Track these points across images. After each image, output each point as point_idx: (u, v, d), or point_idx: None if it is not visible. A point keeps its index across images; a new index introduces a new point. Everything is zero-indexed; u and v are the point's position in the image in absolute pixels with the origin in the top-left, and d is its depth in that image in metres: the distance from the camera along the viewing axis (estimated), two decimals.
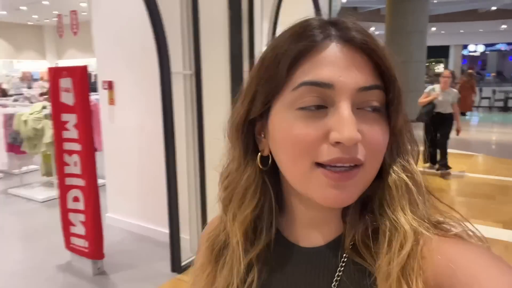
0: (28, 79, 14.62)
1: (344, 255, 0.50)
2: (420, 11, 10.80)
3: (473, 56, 26.70)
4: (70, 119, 2.68)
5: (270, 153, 0.52)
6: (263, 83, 0.49)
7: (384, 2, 11.82)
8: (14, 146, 4.82)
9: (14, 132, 4.71)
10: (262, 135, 0.53)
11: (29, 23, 15.67)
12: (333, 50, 0.46)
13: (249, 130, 0.53)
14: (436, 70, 22.13)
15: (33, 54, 16.82)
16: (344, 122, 0.43)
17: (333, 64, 0.45)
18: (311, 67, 0.46)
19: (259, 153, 0.53)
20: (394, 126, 0.48)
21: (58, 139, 2.79)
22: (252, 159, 0.54)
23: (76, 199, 2.85)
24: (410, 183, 0.48)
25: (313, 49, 0.46)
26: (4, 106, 5.53)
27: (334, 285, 0.50)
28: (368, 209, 0.50)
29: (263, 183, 0.54)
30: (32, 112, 4.53)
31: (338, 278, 0.50)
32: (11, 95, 10.14)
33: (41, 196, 4.85)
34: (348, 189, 0.46)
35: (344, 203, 0.47)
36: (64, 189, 2.86)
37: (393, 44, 11.06)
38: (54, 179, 4.30)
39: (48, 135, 4.39)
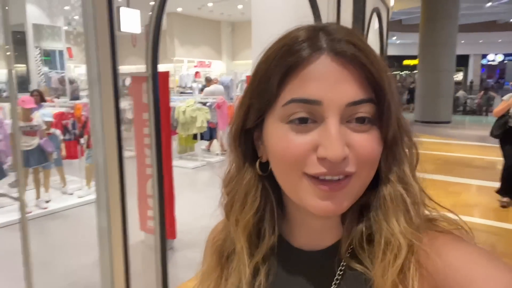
0: None
1: (342, 262, 0.51)
2: (450, 27, 12.50)
3: (491, 65, 27.77)
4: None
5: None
6: (256, 96, 0.50)
7: None
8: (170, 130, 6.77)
9: (172, 119, 6.58)
10: (260, 142, 0.53)
11: None
12: (323, 63, 0.45)
13: (248, 137, 0.54)
14: (455, 79, 23.36)
15: None
16: (330, 139, 0.44)
17: (322, 79, 0.45)
18: (300, 83, 0.46)
19: (258, 159, 0.54)
20: (386, 137, 0.47)
21: (139, 135, 2.91)
22: (251, 165, 0.55)
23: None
24: (405, 195, 0.48)
25: (302, 64, 0.46)
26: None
27: None
28: (366, 216, 0.50)
29: (263, 188, 0.55)
30: (188, 105, 6.43)
31: (337, 282, 0.51)
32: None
33: (191, 165, 6.88)
34: (338, 199, 0.46)
35: (335, 212, 0.47)
36: (144, 178, 3.02)
37: (426, 54, 12.83)
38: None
39: (199, 120, 6.29)
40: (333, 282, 0.50)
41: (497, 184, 4.84)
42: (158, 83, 2.71)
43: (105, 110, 2.46)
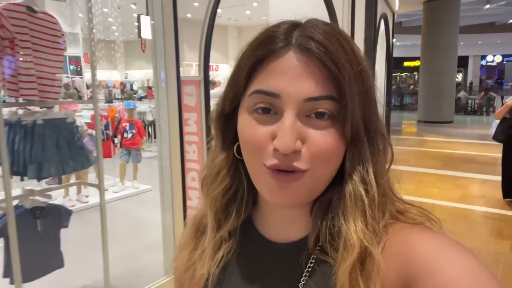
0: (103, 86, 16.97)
1: (313, 256, 0.52)
2: (451, 30, 12.93)
3: (490, 66, 28.10)
4: (191, 117, 3.13)
5: None
6: (232, 85, 0.52)
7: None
8: None
9: None
10: None
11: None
12: (289, 59, 0.46)
13: (229, 121, 0.55)
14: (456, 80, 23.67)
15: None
16: (283, 131, 0.45)
17: (285, 73, 0.46)
18: (265, 76, 0.47)
19: (237, 143, 0.54)
20: (346, 134, 0.47)
21: (181, 133, 3.06)
22: (230, 147, 0.56)
23: (193, 179, 3.19)
24: (364, 195, 0.48)
25: (270, 58, 0.47)
26: None
27: (301, 284, 0.51)
28: (331, 212, 0.51)
29: (236, 170, 0.56)
30: None
31: (306, 275, 0.51)
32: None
33: None
34: (292, 190, 0.47)
35: (291, 202, 0.48)
36: (185, 171, 3.14)
37: (428, 57, 13.25)
38: None
39: None
40: (304, 274, 0.51)
41: (499, 178, 5.16)
42: (209, 87, 3.12)
43: (171, 111, 2.87)
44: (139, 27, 6.32)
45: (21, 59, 2.17)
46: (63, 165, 2.34)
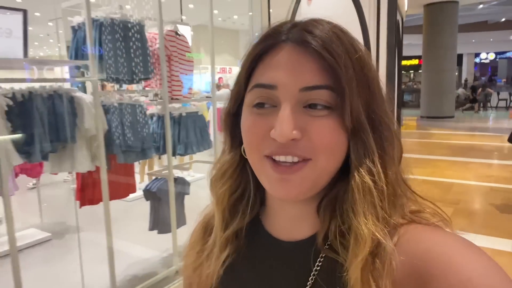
0: None
1: (321, 254, 0.51)
2: (450, 31, 13.87)
3: (483, 63, 28.60)
4: None
5: None
6: (236, 83, 0.53)
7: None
8: None
9: None
10: None
11: None
12: (286, 51, 0.48)
13: (236, 121, 0.55)
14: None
15: None
16: (280, 121, 0.45)
17: (281, 65, 0.47)
18: (263, 70, 0.49)
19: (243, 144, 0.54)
20: (347, 123, 0.47)
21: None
22: (237, 147, 0.57)
23: None
24: (373, 187, 0.47)
25: (269, 52, 0.49)
26: None
27: (310, 283, 0.50)
28: (339, 208, 0.50)
29: (243, 170, 0.57)
30: None
31: (315, 273, 0.51)
32: None
33: None
34: (294, 183, 0.47)
35: (292, 195, 0.48)
36: None
37: (429, 56, 14.20)
38: None
39: None
40: (312, 273, 0.51)
41: (504, 162, 5.98)
42: None
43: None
44: None
45: (174, 69, 3.03)
46: (198, 146, 3.19)
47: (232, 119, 0.57)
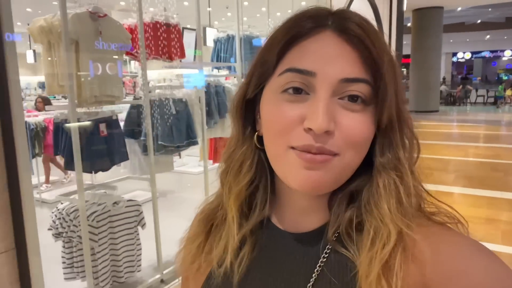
0: None
1: (328, 245, 0.50)
2: (436, 33, 15.38)
3: (460, 62, 29.67)
4: None
5: None
6: (259, 66, 0.50)
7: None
8: None
9: None
10: (259, 116, 0.53)
11: None
12: (327, 38, 0.46)
13: (250, 110, 0.54)
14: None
15: None
16: (317, 111, 0.43)
17: (320, 52, 0.45)
18: (298, 54, 0.46)
19: (256, 132, 0.54)
20: (380, 120, 0.46)
21: None
22: (250, 137, 0.55)
23: None
24: (398, 182, 0.47)
25: (304, 37, 0.47)
26: None
27: (315, 274, 0.49)
28: (356, 202, 0.49)
29: (259, 160, 0.55)
30: None
31: (321, 265, 0.50)
32: None
33: None
34: (320, 172, 0.45)
35: (316, 186, 0.46)
36: None
37: (417, 56, 15.67)
38: None
39: None
40: (318, 265, 0.50)
41: (487, 145, 7.58)
42: None
43: None
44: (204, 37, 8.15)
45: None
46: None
47: (246, 106, 0.54)
